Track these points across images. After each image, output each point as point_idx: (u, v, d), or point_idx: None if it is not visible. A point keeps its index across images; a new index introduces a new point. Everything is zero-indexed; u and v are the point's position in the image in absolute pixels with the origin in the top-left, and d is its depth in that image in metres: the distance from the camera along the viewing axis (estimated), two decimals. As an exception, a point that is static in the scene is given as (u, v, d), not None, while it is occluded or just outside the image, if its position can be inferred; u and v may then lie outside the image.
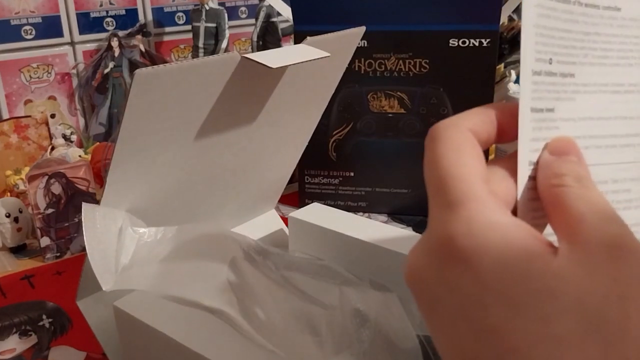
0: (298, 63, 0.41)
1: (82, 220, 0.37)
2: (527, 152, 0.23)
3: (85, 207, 0.38)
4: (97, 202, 0.40)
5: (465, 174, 0.22)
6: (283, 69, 0.43)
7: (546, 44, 0.23)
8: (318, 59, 0.42)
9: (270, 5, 0.96)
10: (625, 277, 0.20)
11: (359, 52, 0.68)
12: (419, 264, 0.22)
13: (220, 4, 1.07)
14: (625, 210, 0.23)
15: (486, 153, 0.27)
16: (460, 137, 0.23)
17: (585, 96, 0.25)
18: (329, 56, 0.43)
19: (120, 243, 0.38)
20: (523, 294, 0.20)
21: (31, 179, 0.64)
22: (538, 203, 0.23)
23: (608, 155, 0.25)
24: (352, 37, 0.51)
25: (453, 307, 0.21)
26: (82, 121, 0.99)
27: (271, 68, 0.38)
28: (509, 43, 0.94)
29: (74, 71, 0.96)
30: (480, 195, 0.22)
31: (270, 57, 0.39)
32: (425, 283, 0.22)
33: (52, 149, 0.85)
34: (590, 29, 0.25)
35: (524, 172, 0.23)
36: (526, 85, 0.23)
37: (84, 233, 0.36)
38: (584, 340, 0.19)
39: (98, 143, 0.90)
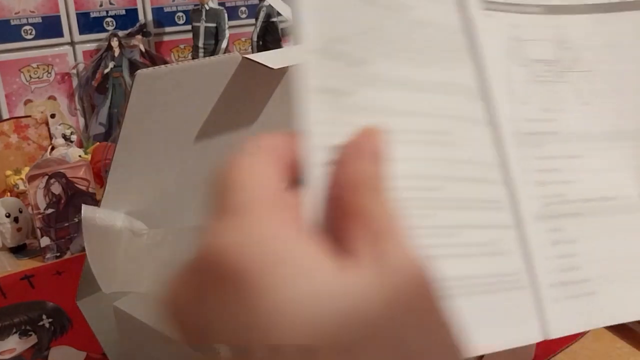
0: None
1: (82, 222, 0.37)
2: (318, 147, 0.20)
3: (85, 209, 0.38)
4: (97, 202, 0.40)
5: (253, 180, 0.19)
6: (284, 69, 0.43)
7: (331, 25, 0.21)
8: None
9: (270, 5, 0.96)
10: (417, 306, 0.18)
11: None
12: (177, 291, 0.18)
13: (220, 4, 1.07)
14: (442, 211, 0.22)
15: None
16: (260, 145, 0.20)
17: (385, 88, 0.22)
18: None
19: (119, 245, 0.38)
20: (308, 317, 0.17)
21: (31, 179, 0.64)
22: (331, 208, 0.21)
23: (414, 150, 0.23)
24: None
25: (225, 334, 0.17)
26: (82, 121, 0.99)
27: (272, 69, 0.38)
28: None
29: (74, 71, 0.96)
30: (265, 203, 0.18)
31: (271, 58, 0.39)
32: (188, 313, 0.18)
33: (52, 149, 0.85)
34: (378, 22, 0.23)
35: (314, 171, 0.20)
36: (310, 62, 0.20)
37: (83, 235, 0.36)
38: None
39: (98, 143, 0.90)
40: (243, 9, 1.14)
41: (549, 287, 0.25)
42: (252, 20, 1.02)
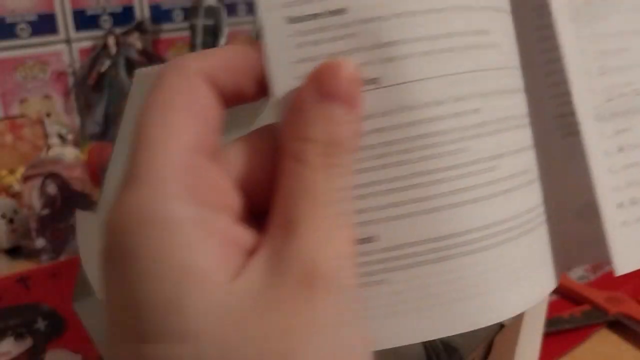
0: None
1: (76, 227, 0.36)
2: (284, 91, 0.17)
3: (79, 214, 0.37)
4: (93, 203, 0.39)
5: (160, 139, 0.16)
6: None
7: None
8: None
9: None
10: (304, 325, 0.15)
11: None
12: (99, 254, 0.17)
13: (218, 0, 1.06)
14: (475, 139, 0.18)
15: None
16: (180, 85, 0.17)
17: None
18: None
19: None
20: (159, 333, 0.15)
21: (26, 179, 0.63)
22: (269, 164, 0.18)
23: (443, 64, 0.17)
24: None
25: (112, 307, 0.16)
26: (77, 120, 0.97)
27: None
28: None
29: (70, 69, 0.95)
30: (160, 172, 0.15)
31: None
32: (101, 266, 0.17)
33: (48, 148, 0.84)
34: None
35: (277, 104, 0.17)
36: None
37: (77, 241, 0.36)
38: None
39: (94, 143, 0.89)
40: (242, 5, 1.14)
41: (616, 207, 0.20)
42: (251, 18, 1.01)
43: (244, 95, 0.18)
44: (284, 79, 0.17)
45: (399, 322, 0.18)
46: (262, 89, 0.18)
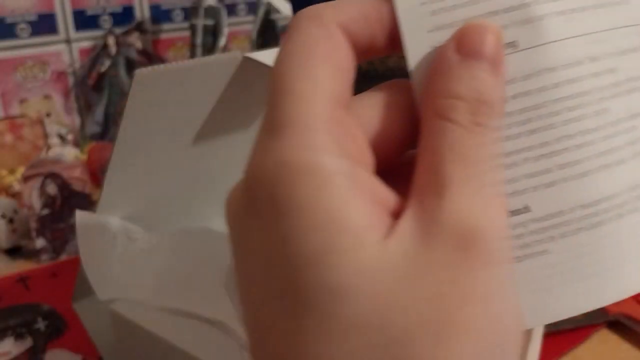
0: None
1: (76, 228, 0.36)
2: (420, 54, 0.17)
3: (79, 214, 0.37)
4: (93, 202, 0.39)
5: (305, 88, 0.15)
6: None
7: None
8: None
9: (269, 2, 0.95)
10: (461, 294, 0.14)
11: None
12: (233, 195, 0.16)
13: (218, 0, 1.06)
14: (614, 99, 0.18)
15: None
16: (319, 34, 0.16)
17: None
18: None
19: (115, 251, 0.38)
20: (312, 286, 0.14)
21: (26, 179, 0.63)
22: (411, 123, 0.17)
23: (577, 23, 0.17)
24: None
25: (250, 263, 0.16)
26: (77, 120, 0.98)
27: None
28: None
29: (70, 69, 0.95)
30: (309, 122, 0.15)
31: (273, 57, 0.39)
32: (235, 221, 0.16)
33: (48, 148, 0.84)
34: None
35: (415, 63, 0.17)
36: None
37: (78, 241, 0.36)
38: None
39: (94, 143, 0.89)
40: (242, 6, 1.14)
41: None
42: (251, 18, 1.01)
43: (376, 48, 0.17)
44: (420, 47, 0.17)
45: (553, 296, 0.18)
46: (393, 42, 0.17)
